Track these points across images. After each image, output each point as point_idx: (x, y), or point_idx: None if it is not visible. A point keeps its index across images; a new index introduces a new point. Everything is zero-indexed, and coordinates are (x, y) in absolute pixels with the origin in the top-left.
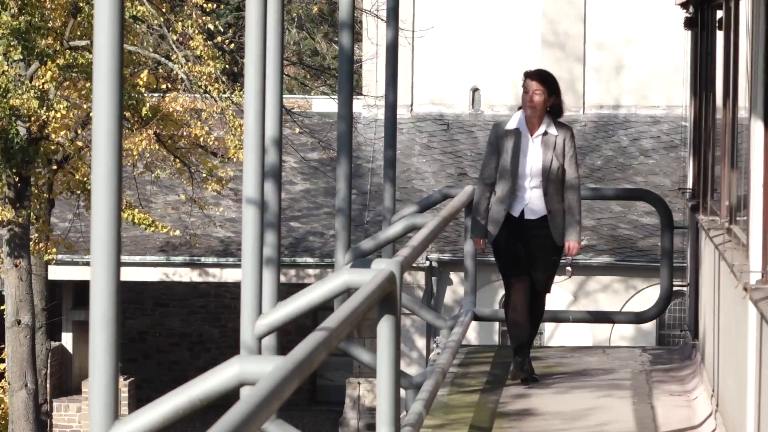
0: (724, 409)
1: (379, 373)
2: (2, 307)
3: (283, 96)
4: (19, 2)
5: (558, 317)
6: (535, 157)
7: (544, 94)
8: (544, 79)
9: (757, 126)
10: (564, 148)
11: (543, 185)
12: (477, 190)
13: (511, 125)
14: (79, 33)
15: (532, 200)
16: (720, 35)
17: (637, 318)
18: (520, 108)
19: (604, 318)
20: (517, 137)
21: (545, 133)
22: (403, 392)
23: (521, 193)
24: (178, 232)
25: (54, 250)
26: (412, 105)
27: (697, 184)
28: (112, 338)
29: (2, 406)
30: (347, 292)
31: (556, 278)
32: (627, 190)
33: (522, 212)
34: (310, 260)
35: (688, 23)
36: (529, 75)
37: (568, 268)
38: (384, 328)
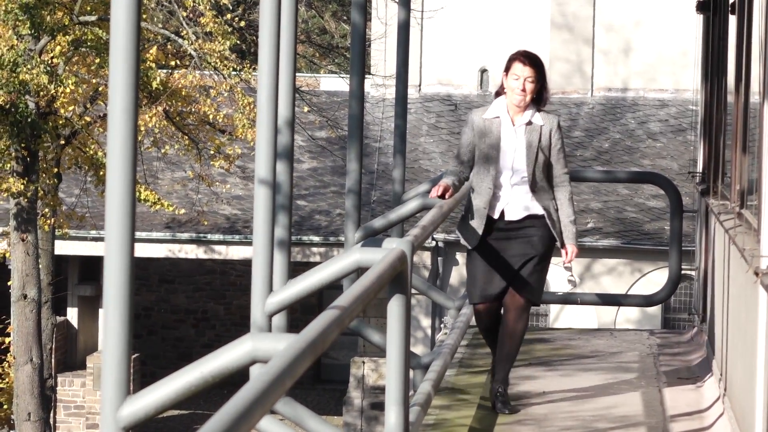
0: (732, 393)
1: (389, 352)
2: (9, 282)
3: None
4: None
5: (567, 299)
6: (518, 149)
7: (536, 82)
8: (537, 64)
9: None
10: (550, 139)
11: (528, 182)
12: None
13: (489, 114)
14: (88, 8)
15: (514, 199)
16: (733, 19)
17: (646, 301)
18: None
19: (612, 300)
20: (498, 127)
21: (529, 123)
22: (410, 372)
23: (502, 190)
24: (183, 211)
25: (67, 224)
26: (420, 85)
27: (708, 168)
28: (125, 316)
29: (8, 380)
30: (357, 270)
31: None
32: (637, 173)
33: (502, 213)
34: (315, 239)
35: (701, 7)
36: (521, 59)
37: (572, 277)
38: (394, 307)
